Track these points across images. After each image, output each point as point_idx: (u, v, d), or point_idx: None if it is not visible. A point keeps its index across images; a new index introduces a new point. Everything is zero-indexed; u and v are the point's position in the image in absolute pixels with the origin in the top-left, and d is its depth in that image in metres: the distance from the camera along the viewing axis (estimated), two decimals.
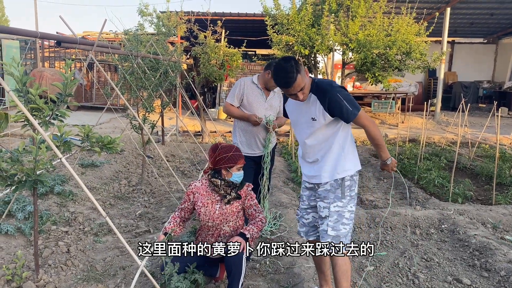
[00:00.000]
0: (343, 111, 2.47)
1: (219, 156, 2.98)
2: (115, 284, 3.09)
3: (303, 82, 2.48)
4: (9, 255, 3.42)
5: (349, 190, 2.63)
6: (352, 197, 2.66)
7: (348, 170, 2.62)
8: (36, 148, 2.74)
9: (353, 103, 2.49)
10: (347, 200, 2.62)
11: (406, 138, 9.82)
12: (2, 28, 2.55)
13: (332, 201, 2.61)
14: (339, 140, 2.61)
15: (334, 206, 2.60)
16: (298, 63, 2.49)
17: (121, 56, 5.92)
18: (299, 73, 2.45)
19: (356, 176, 2.68)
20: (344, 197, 2.61)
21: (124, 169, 6.60)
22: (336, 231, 2.58)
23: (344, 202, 2.61)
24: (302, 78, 2.47)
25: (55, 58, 16.87)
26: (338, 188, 2.61)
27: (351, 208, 2.64)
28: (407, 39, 9.00)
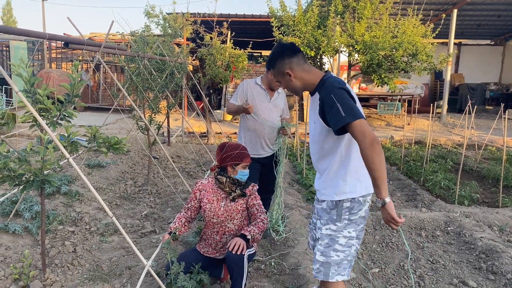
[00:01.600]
0: (332, 114, 2.05)
1: (226, 153, 3.03)
2: (121, 283, 3.11)
3: (277, 78, 2.34)
4: (16, 254, 3.45)
5: (348, 213, 2.24)
6: (352, 221, 2.25)
7: (348, 193, 2.23)
8: (44, 148, 2.76)
9: (349, 109, 2.01)
10: (344, 224, 2.24)
11: (412, 140, 9.79)
12: (11, 29, 2.58)
13: (325, 223, 2.29)
14: (340, 155, 2.23)
15: (326, 229, 2.28)
16: (276, 62, 2.29)
17: (128, 57, 5.96)
18: (272, 69, 2.32)
19: (362, 198, 2.24)
20: (339, 220, 2.25)
21: (130, 170, 6.63)
22: (325, 257, 2.26)
23: (339, 226, 2.25)
24: (275, 75, 2.33)
25: (62, 59, 16.98)
26: (333, 209, 2.27)
27: (348, 234, 2.25)
28: (413, 40, 8.96)
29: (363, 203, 2.25)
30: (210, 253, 3.09)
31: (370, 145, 1.95)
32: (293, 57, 2.27)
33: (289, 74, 2.26)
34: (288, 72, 2.26)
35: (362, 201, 2.24)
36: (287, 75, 2.27)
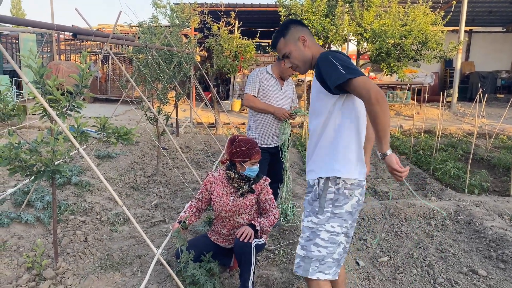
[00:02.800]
0: (331, 73, 1.94)
1: (234, 149, 2.97)
2: (132, 272, 3.15)
3: (287, 48, 2.22)
4: (29, 243, 3.51)
5: (331, 205, 2.07)
6: (337, 215, 2.07)
7: (336, 171, 2.05)
8: (54, 139, 2.79)
9: (349, 67, 1.92)
10: (326, 218, 2.07)
11: (421, 130, 9.71)
12: (20, 20, 2.60)
13: (307, 215, 2.15)
14: (332, 126, 2.08)
15: (308, 221, 2.13)
16: (290, 28, 2.22)
17: (136, 48, 5.96)
18: (283, 37, 2.22)
19: (347, 189, 2.07)
20: (321, 212, 2.08)
21: (140, 160, 6.68)
22: (306, 251, 2.11)
23: (321, 219, 2.08)
24: (286, 43, 2.22)
25: (70, 51, 17.05)
26: (316, 200, 2.11)
27: (331, 228, 2.07)
28: (423, 28, 8.86)
29: (349, 196, 2.07)
30: (220, 241, 3.11)
31: (376, 101, 1.85)
32: (306, 27, 2.26)
33: (304, 39, 2.19)
34: (303, 37, 2.19)
35: (348, 194, 2.07)
36: (301, 41, 2.19)
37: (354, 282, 3.09)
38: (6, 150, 2.76)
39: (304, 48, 2.19)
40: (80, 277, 3.06)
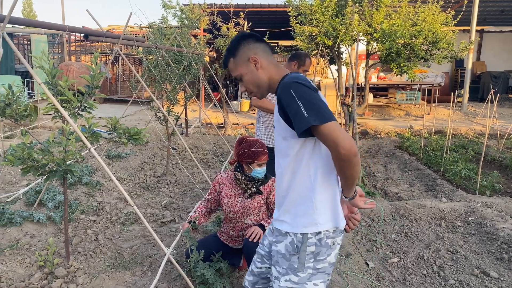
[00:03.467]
0: (292, 115, 1.63)
1: (241, 150, 2.96)
2: (142, 271, 3.17)
3: (237, 71, 1.87)
4: (41, 242, 3.55)
5: (312, 260, 1.76)
6: (319, 270, 1.78)
7: (319, 225, 1.74)
8: (66, 139, 2.82)
9: (312, 108, 1.58)
10: (308, 275, 1.77)
11: (432, 130, 9.63)
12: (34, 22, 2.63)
13: (284, 273, 1.80)
14: (305, 171, 1.75)
15: (285, 281, 1.79)
16: (240, 46, 1.86)
17: (146, 49, 6.00)
18: (232, 57, 1.87)
19: (330, 238, 1.76)
20: (302, 270, 1.77)
21: (149, 160, 6.72)
22: None
23: (302, 278, 1.77)
24: (235, 65, 1.87)
25: (81, 52, 17.21)
26: (294, 255, 1.78)
27: (314, 287, 1.79)
28: (434, 28, 8.77)
29: (332, 246, 1.77)
30: (229, 241, 3.12)
31: (345, 156, 1.54)
32: (260, 43, 1.89)
33: (255, 60, 1.83)
34: (254, 58, 1.83)
35: (330, 243, 1.76)
36: (252, 63, 1.84)
37: (364, 283, 3.08)
38: (19, 150, 2.80)
39: (257, 70, 1.85)
40: (91, 276, 3.09)
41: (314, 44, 9.28)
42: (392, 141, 8.95)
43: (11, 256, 3.26)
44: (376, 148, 8.58)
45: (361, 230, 4.17)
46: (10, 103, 3.01)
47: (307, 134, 1.63)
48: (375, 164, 7.27)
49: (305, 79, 1.72)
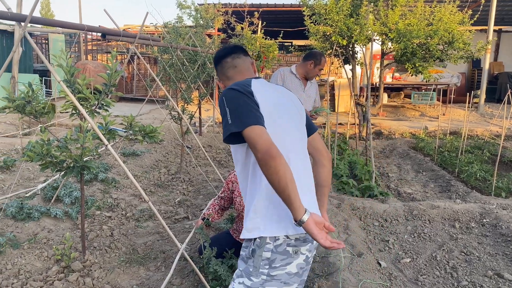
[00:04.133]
0: (223, 122, 1.67)
1: None
2: (156, 266, 3.23)
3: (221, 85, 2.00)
4: (58, 236, 3.63)
5: (267, 266, 1.67)
6: (274, 277, 1.68)
7: (257, 230, 1.69)
8: (83, 136, 2.89)
9: (236, 114, 1.61)
10: (261, 281, 1.68)
11: (447, 131, 9.54)
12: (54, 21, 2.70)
13: (239, 274, 1.76)
14: (254, 174, 1.74)
15: (238, 283, 1.73)
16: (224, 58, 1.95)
17: (161, 48, 6.08)
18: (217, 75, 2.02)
19: (291, 246, 1.68)
20: (255, 275, 1.69)
21: (164, 158, 6.80)
22: None
23: (254, 282, 1.69)
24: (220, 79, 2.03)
25: (97, 51, 17.45)
26: (250, 258, 1.72)
27: None
28: (450, 28, 8.70)
29: (293, 254, 1.68)
30: (242, 239, 3.15)
31: (262, 160, 1.54)
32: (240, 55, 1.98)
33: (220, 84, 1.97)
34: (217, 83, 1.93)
35: (292, 252, 1.67)
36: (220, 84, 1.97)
37: (376, 282, 3.08)
38: (38, 147, 2.88)
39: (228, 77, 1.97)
40: (107, 270, 3.15)
41: (329, 43, 9.28)
42: (406, 141, 8.88)
43: (30, 250, 3.35)
44: (390, 148, 8.53)
45: (373, 230, 4.17)
46: (30, 100, 3.09)
47: (236, 140, 1.65)
48: (388, 164, 7.23)
49: (243, 84, 1.73)
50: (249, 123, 1.58)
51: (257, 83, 1.80)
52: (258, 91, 1.73)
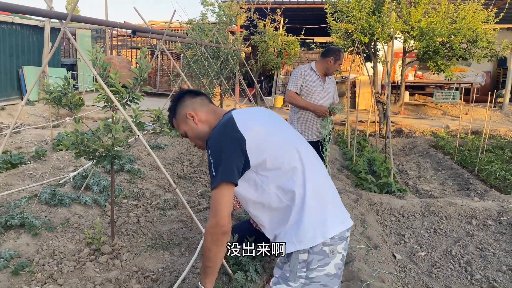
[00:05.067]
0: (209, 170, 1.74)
1: None
2: (180, 252, 3.41)
3: (181, 129, 2.02)
4: (88, 222, 3.85)
5: (305, 269, 1.67)
6: (313, 280, 1.67)
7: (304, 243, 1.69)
8: (115, 126, 3.08)
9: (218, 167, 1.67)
10: (299, 285, 1.68)
11: (468, 130, 9.47)
12: (91, 19, 2.89)
13: (276, 281, 1.76)
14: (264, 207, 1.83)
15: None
16: (177, 107, 1.98)
17: (185, 44, 6.27)
18: (174, 118, 2.02)
19: (327, 245, 1.68)
20: (293, 279, 1.68)
21: (186, 152, 7.00)
22: None
23: (293, 287, 1.69)
24: (178, 124, 2.01)
25: (122, 47, 17.83)
26: (286, 263, 1.72)
27: None
28: (474, 26, 8.62)
29: (330, 254, 1.68)
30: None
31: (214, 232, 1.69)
32: (196, 98, 1.99)
33: (192, 116, 1.94)
34: (190, 114, 1.93)
35: (328, 251, 1.67)
36: (190, 119, 1.94)
37: (390, 273, 3.19)
38: (73, 136, 3.08)
39: (196, 125, 1.94)
40: (134, 254, 3.35)
41: (350, 41, 9.32)
42: (426, 140, 8.87)
43: (62, 233, 3.57)
44: (410, 146, 8.54)
45: (390, 224, 4.26)
46: (66, 93, 3.30)
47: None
48: (408, 162, 7.26)
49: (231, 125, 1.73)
50: (224, 179, 1.65)
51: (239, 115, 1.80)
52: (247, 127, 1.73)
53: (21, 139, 7.26)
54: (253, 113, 1.91)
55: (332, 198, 1.83)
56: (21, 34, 11.10)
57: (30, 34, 11.40)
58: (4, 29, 10.55)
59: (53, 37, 11.11)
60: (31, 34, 11.45)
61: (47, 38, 10.87)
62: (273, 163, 1.73)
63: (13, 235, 3.39)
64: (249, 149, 1.70)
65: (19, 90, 11.21)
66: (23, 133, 7.79)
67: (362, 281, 2.89)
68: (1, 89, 10.62)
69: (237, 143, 1.69)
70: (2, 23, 10.47)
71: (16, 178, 4.90)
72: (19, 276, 2.91)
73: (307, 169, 1.77)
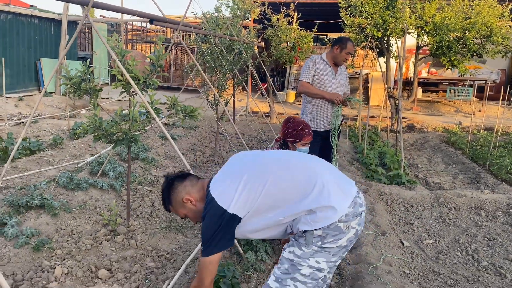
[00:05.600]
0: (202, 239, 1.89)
1: (288, 129, 3.21)
2: (193, 234, 3.52)
3: (181, 213, 2.07)
4: (104, 205, 3.99)
5: (320, 242, 1.82)
6: (325, 249, 1.82)
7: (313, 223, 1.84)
8: (132, 111, 3.20)
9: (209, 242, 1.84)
10: (311, 251, 1.82)
11: (481, 127, 9.42)
12: (111, 6, 3.00)
13: (290, 244, 1.90)
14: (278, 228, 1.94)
15: (289, 252, 1.88)
16: (170, 195, 2.03)
17: (199, 37, 6.36)
18: (171, 205, 2.06)
19: (343, 222, 1.83)
20: (307, 246, 1.83)
21: (199, 143, 7.12)
22: (280, 284, 1.88)
23: (305, 252, 1.83)
24: (177, 210, 2.07)
25: (136, 41, 18.04)
26: (301, 237, 1.85)
27: (315, 264, 1.83)
28: (488, 21, 8.57)
29: (345, 230, 1.82)
30: None
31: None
32: (184, 180, 2.05)
33: (189, 199, 1.99)
34: (187, 198, 1.99)
35: (343, 227, 1.82)
36: (187, 202, 2.00)
37: (397, 258, 3.26)
38: (92, 120, 3.21)
39: (195, 206, 2.01)
40: (148, 234, 3.47)
41: (363, 35, 9.32)
42: (438, 135, 8.87)
43: (80, 215, 3.71)
44: (421, 141, 8.54)
45: (399, 214, 4.31)
46: (85, 78, 3.43)
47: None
48: (419, 156, 7.29)
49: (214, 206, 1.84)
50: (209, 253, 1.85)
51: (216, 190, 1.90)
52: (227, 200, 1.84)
53: (38, 128, 7.45)
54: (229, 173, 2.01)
55: (334, 178, 1.95)
56: (39, 27, 11.33)
57: (47, 27, 11.63)
58: (23, 21, 10.78)
59: (70, 30, 11.31)
60: (49, 27, 11.67)
61: (64, 30, 11.08)
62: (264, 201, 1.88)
63: (34, 214, 3.53)
64: (238, 212, 1.84)
65: (36, 81, 11.45)
66: (41, 122, 7.99)
67: (370, 264, 2.96)
68: (20, 81, 10.87)
69: (222, 219, 1.83)
70: (21, 16, 10.70)
71: (35, 164, 5.06)
72: (39, 252, 3.05)
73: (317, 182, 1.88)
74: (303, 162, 2.03)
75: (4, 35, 10.23)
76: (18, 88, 10.79)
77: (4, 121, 7.55)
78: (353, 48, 4.00)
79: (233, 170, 2.02)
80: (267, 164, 2.01)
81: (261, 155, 2.13)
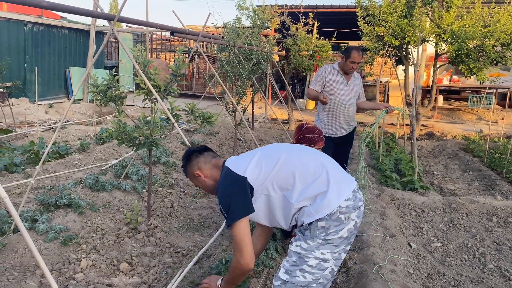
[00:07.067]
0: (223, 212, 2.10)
1: (302, 135, 3.39)
2: (209, 233, 3.73)
3: (195, 183, 2.38)
4: (126, 205, 4.24)
5: (323, 234, 2.01)
6: (328, 241, 2.02)
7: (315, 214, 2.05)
8: (153, 117, 3.44)
9: (229, 208, 2.03)
10: (316, 244, 2.02)
11: (502, 134, 9.34)
12: (135, 20, 3.26)
13: (297, 239, 2.11)
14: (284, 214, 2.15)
15: (296, 246, 2.08)
16: (186, 168, 2.33)
17: (219, 47, 6.63)
18: (187, 175, 2.36)
19: (343, 213, 2.04)
20: (312, 239, 2.03)
21: (218, 149, 7.35)
22: (290, 276, 2.05)
23: (311, 245, 2.02)
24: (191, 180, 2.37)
25: (161, 50, 18.57)
26: (307, 230, 2.06)
27: (321, 255, 2.02)
28: (508, 29, 8.53)
29: (345, 221, 2.03)
30: None
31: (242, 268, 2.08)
32: (200, 156, 2.31)
33: (199, 174, 2.27)
34: (197, 173, 2.27)
35: (344, 218, 2.03)
36: (198, 176, 2.28)
37: (403, 258, 3.37)
38: (116, 125, 3.47)
39: (204, 181, 2.29)
40: (167, 233, 3.70)
41: (381, 44, 9.41)
42: (457, 143, 8.85)
43: (104, 214, 3.97)
44: (439, 149, 8.55)
45: (410, 218, 4.42)
46: (110, 86, 3.70)
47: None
48: (436, 163, 7.32)
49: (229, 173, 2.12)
50: (234, 218, 2.03)
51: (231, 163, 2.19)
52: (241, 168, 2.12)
53: (67, 133, 7.84)
54: (242, 154, 2.33)
55: (338, 172, 2.19)
56: (69, 37, 11.87)
57: (76, 37, 12.17)
58: (55, 32, 11.33)
59: (97, 40, 11.81)
60: (78, 37, 12.22)
61: (92, 40, 11.58)
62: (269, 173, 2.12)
63: (62, 212, 3.81)
64: (251, 179, 2.09)
65: (65, 89, 11.98)
66: (69, 128, 8.39)
67: (375, 264, 3.09)
68: (50, 88, 11.40)
69: (238, 184, 2.08)
70: (53, 27, 11.25)
71: (63, 166, 5.38)
72: (67, 246, 3.31)
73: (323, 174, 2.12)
74: (314, 154, 2.30)
75: (37, 46, 10.78)
76: (49, 95, 11.32)
77: (36, 126, 7.97)
78: (359, 57, 4.13)
79: (247, 152, 2.33)
80: (280, 148, 2.32)
81: (275, 144, 2.44)
